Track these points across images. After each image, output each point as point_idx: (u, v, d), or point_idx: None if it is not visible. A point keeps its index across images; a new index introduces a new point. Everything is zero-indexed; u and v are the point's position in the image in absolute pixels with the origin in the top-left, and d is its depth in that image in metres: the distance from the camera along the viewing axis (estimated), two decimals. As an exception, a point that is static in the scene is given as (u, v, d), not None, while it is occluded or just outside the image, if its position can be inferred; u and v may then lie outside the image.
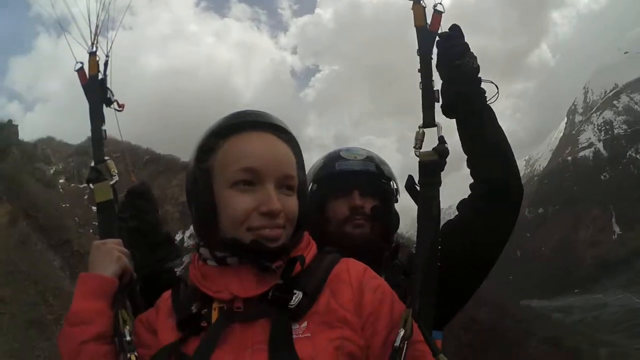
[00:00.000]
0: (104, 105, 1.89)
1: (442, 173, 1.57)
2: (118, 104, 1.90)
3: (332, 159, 2.04)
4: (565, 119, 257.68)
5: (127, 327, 1.39)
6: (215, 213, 1.29)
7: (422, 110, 1.62)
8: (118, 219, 1.77)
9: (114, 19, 2.01)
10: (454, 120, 1.72)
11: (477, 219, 1.70)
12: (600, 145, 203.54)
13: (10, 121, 39.17)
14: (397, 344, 1.21)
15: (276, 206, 1.26)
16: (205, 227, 1.33)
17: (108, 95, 1.89)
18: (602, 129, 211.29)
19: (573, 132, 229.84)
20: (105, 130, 1.86)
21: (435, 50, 1.68)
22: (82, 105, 1.83)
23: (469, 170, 1.78)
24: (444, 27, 1.70)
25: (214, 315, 1.26)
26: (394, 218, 2.05)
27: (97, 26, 1.95)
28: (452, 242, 1.65)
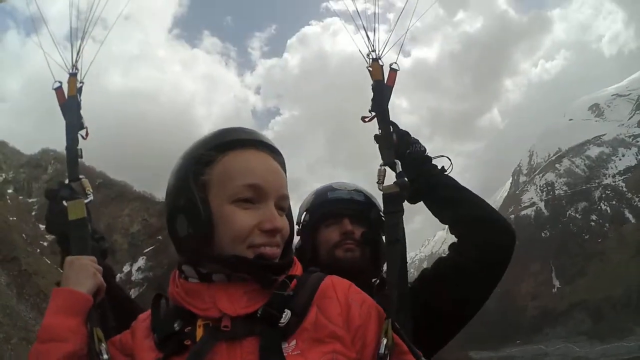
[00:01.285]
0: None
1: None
2: (87, 132, 1.90)
3: (324, 191, 2.18)
4: (511, 179, 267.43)
5: (103, 345, 1.35)
6: (212, 229, 1.24)
7: (382, 151, 1.82)
8: (91, 237, 1.72)
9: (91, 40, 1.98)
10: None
11: (466, 276, 1.73)
12: (542, 205, 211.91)
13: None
14: (381, 351, 1.23)
15: (280, 224, 1.26)
16: (199, 242, 1.26)
17: (82, 120, 1.89)
18: (544, 189, 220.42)
19: (517, 192, 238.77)
20: (81, 150, 1.87)
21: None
22: (40, 113, 2.51)
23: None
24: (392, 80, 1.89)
25: (199, 332, 1.22)
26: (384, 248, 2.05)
27: (80, 48, 1.95)
28: (438, 289, 1.75)
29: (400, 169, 1.74)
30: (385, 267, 1.77)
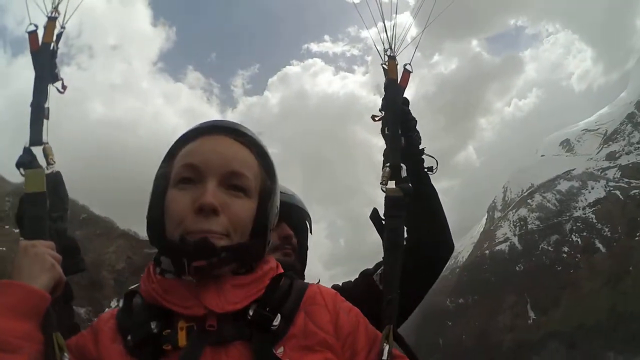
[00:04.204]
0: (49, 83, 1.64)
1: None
2: (63, 84, 1.67)
3: None
4: (486, 215, 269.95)
5: (66, 355, 1.15)
6: (162, 216, 1.18)
7: (389, 152, 1.74)
8: (49, 217, 1.45)
9: None
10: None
11: (411, 264, 1.73)
12: (515, 240, 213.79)
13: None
14: (384, 358, 1.20)
15: (208, 200, 1.13)
16: (149, 229, 1.21)
17: (56, 71, 1.66)
18: (517, 224, 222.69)
19: (492, 228, 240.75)
20: (48, 109, 1.60)
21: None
22: (27, 138, 1.57)
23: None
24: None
25: (181, 336, 1.09)
26: (307, 252, 2.20)
27: None
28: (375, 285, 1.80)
29: (406, 174, 1.68)
30: None
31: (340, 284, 2.00)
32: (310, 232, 2.22)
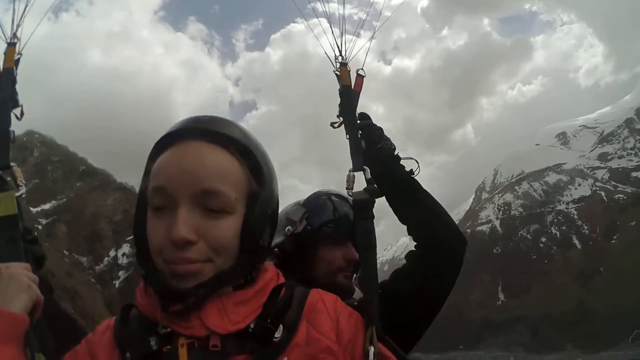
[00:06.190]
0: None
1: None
2: (22, 111, 1.64)
3: (338, 203, 2.05)
4: (474, 194, 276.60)
5: None
6: (144, 239, 1.14)
7: (351, 157, 1.72)
8: (23, 239, 1.43)
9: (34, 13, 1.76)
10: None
11: (420, 269, 1.81)
12: (497, 223, 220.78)
13: None
14: (370, 359, 1.19)
15: (178, 234, 1.05)
16: (138, 256, 1.17)
17: (17, 97, 1.64)
18: (501, 208, 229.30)
19: (477, 208, 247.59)
20: (13, 132, 1.60)
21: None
22: (26, 91, 1.63)
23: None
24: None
25: (182, 353, 1.05)
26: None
27: (21, 15, 1.72)
28: (402, 289, 1.77)
29: (370, 176, 1.68)
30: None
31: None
32: None
